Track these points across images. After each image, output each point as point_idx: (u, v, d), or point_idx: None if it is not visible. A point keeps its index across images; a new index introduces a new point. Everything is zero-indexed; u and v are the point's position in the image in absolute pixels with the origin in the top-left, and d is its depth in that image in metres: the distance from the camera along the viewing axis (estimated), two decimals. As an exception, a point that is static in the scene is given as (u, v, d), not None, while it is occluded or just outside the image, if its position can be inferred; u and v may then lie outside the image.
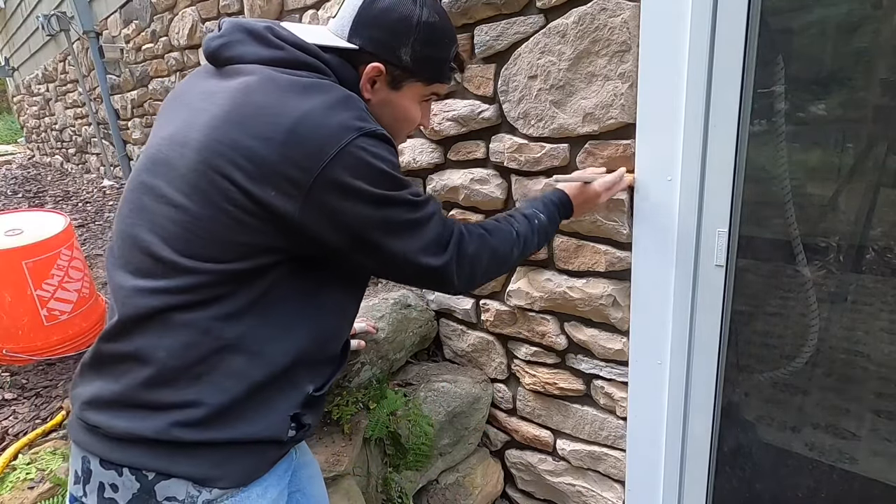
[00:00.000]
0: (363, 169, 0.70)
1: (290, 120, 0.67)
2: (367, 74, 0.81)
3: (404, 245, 0.76)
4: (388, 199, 0.73)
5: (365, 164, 0.70)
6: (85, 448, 0.71)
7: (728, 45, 1.00)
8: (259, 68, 0.74)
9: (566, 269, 1.35)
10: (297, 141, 0.67)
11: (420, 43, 0.81)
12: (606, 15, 1.09)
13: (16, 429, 1.38)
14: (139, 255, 0.71)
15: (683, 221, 1.13)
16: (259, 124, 0.68)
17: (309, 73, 0.75)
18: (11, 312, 1.62)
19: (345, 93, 0.74)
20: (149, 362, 0.69)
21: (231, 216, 0.68)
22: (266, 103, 0.69)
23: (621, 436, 1.40)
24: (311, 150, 0.67)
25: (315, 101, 0.70)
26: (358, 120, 0.71)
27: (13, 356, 1.65)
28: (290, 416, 0.78)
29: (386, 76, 0.82)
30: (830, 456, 1.22)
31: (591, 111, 1.17)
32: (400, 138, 0.93)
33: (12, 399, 1.52)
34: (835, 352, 1.17)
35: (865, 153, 1.05)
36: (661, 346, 1.24)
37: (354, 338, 1.35)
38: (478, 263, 0.86)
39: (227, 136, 0.68)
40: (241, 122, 0.68)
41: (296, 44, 0.76)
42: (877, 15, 0.98)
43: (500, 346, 1.62)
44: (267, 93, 0.70)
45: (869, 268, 1.09)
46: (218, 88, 0.73)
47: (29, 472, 1.17)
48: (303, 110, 0.68)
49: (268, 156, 0.66)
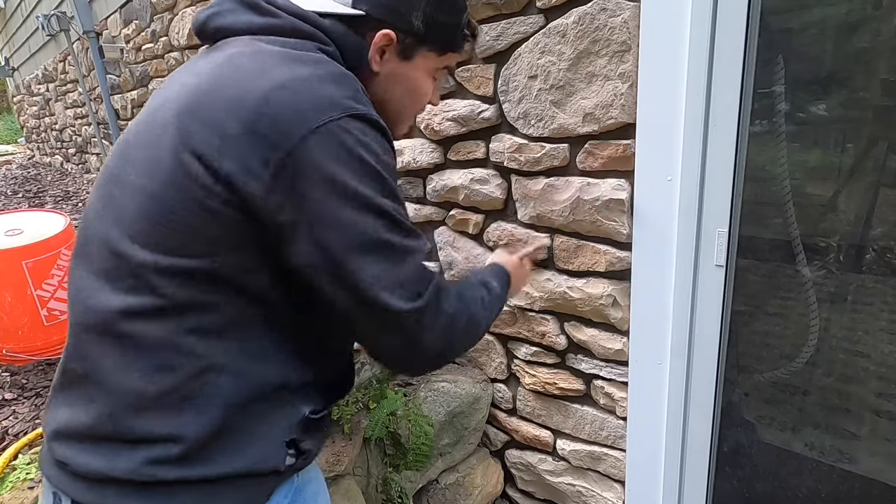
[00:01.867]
0: (345, 156, 0.58)
1: (267, 86, 0.57)
2: (377, 43, 0.72)
3: (371, 270, 0.60)
4: (369, 204, 0.60)
5: (347, 150, 0.58)
6: (55, 484, 0.62)
7: (728, 45, 1.00)
8: (248, 40, 0.65)
9: (566, 269, 1.35)
10: (270, 111, 0.56)
11: (432, 7, 0.73)
12: (606, 15, 1.09)
13: (16, 429, 1.38)
14: (104, 251, 0.61)
15: (683, 221, 1.13)
16: (232, 93, 0.58)
17: (306, 42, 0.67)
18: (11, 312, 1.62)
19: (341, 70, 0.64)
20: (117, 387, 0.59)
21: (198, 201, 0.57)
22: (244, 71, 0.60)
23: (621, 436, 1.40)
24: (285, 122, 0.56)
25: (301, 72, 0.60)
26: (350, 99, 0.60)
27: (13, 356, 1.65)
28: (286, 443, 0.67)
29: (396, 45, 0.74)
30: (830, 456, 1.22)
31: (591, 111, 1.17)
32: (408, 118, 0.85)
33: (12, 399, 1.52)
34: (835, 352, 1.17)
35: (865, 153, 1.05)
36: (661, 346, 1.24)
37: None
38: (456, 327, 0.70)
39: (198, 109, 0.59)
40: (214, 92, 0.59)
41: (292, 11, 0.68)
42: (877, 15, 0.98)
43: (500, 346, 1.62)
44: (250, 61, 0.61)
45: (869, 268, 1.09)
46: (203, 64, 0.65)
47: (29, 472, 1.17)
48: (284, 79, 0.58)
49: (234, 125, 0.56)
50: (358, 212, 0.59)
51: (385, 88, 0.76)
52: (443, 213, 1.60)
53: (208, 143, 0.57)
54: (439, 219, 1.62)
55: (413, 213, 1.66)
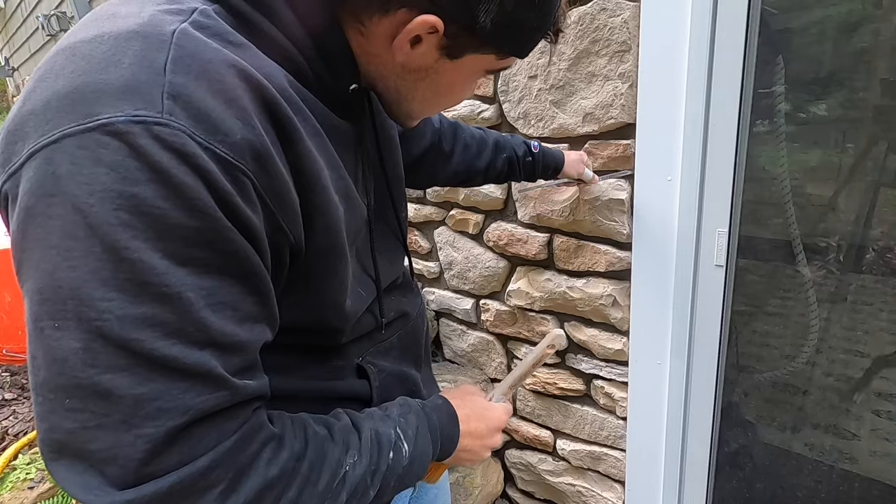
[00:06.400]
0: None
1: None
2: (411, 30, 0.47)
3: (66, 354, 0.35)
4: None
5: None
6: None
7: (728, 45, 1.00)
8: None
9: (566, 269, 1.35)
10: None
11: (515, 1, 0.47)
12: (606, 15, 1.09)
13: (16, 429, 1.38)
14: None
15: (683, 221, 1.13)
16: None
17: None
18: (11, 312, 1.62)
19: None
20: None
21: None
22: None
23: (621, 436, 1.40)
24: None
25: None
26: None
27: (13, 356, 1.65)
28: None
29: (442, 38, 0.49)
30: (830, 456, 1.22)
31: (591, 111, 1.17)
32: (426, 115, 0.64)
33: (12, 399, 1.52)
34: (835, 352, 1.17)
35: (865, 153, 1.05)
36: (661, 346, 1.24)
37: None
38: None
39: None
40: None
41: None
42: (877, 15, 0.98)
43: (500, 346, 1.62)
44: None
45: (869, 268, 1.09)
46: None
47: (29, 472, 1.17)
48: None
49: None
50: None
51: (402, 83, 0.54)
52: (442, 212, 1.60)
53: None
54: (439, 219, 1.62)
55: (413, 212, 1.66)
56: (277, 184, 0.41)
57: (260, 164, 0.40)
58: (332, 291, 0.53)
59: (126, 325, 0.35)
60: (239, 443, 0.40)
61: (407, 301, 0.71)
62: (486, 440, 0.65)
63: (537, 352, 0.73)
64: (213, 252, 0.38)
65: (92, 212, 0.34)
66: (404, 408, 0.58)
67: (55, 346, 0.35)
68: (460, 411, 0.63)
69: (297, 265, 0.47)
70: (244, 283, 0.40)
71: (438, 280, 1.69)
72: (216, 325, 0.38)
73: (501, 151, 1.02)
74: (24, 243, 0.36)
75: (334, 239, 0.50)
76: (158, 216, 0.35)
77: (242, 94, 0.40)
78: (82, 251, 0.34)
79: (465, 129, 0.99)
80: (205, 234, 0.37)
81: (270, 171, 0.41)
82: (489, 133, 1.02)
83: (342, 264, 0.52)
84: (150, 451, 0.36)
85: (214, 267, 0.38)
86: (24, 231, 0.36)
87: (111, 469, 0.35)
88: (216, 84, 0.38)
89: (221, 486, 0.39)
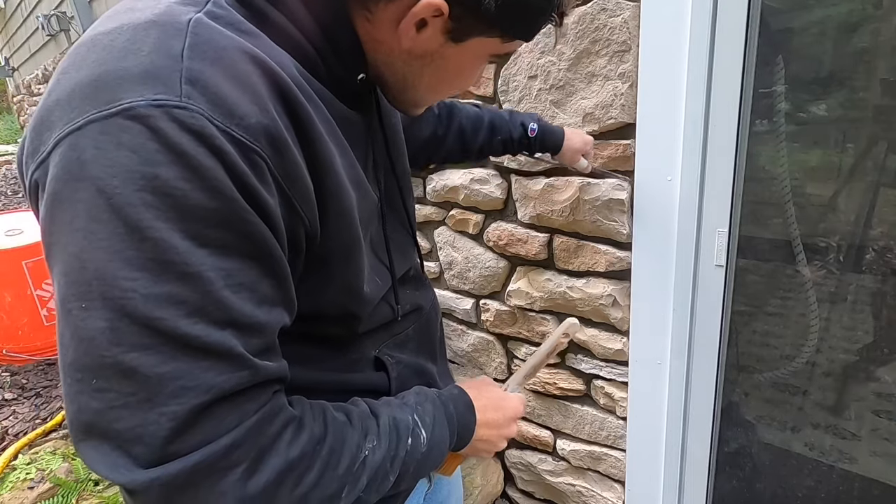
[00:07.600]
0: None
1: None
2: (416, 13, 0.47)
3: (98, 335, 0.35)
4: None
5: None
6: None
7: (728, 45, 1.00)
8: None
9: (566, 269, 1.35)
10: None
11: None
12: (606, 15, 1.09)
13: (16, 429, 1.38)
14: None
15: (683, 221, 1.13)
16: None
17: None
18: (11, 312, 1.62)
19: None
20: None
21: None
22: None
23: (621, 436, 1.40)
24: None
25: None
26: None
27: (13, 356, 1.66)
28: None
29: (448, 21, 0.49)
30: (830, 456, 1.22)
31: (591, 111, 1.17)
32: (432, 101, 0.64)
33: (12, 399, 1.52)
34: (835, 352, 1.17)
35: (865, 153, 1.05)
36: (661, 346, 1.24)
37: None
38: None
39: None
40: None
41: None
42: (877, 15, 0.98)
43: (500, 346, 1.62)
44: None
45: (869, 268, 1.09)
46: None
47: (29, 472, 1.17)
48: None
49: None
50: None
51: (408, 68, 0.54)
52: (442, 212, 1.60)
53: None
54: (439, 219, 1.62)
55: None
56: (292, 167, 0.42)
57: (275, 147, 0.40)
58: (350, 276, 0.53)
59: (150, 304, 0.35)
60: (260, 423, 0.40)
61: (420, 294, 0.71)
62: (503, 430, 0.65)
63: (552, 340, 0.74)
64: (232, 233, 0.38)
65: (115, 193, 0.35)
66: (421, 396, 0.59)
67: (82, 326, 0.35)
68: (477, 401, 0.63)
69: (314, 250, 0.48)
70: (262, 266, 0.41)
71: (438, 280, 1.69)
72: (236, 305, 0.38)
73: (496, 133, 1.00)
74: (52, 227, 0.37)
75: (349, 225, 0.50)
76: (179, 197, 0.36)
77: (257, 80, 0.40)
78: (107, 232, 0.35)
79: (461, 111, 0.98)
80: (223, 214, 0.37)
81: (285, 155, 0.41)
82: (486, 112, 1.00)
83: (357, 250, 0.53)
84: (174, 430, 0.36)
85: (233, 248, 0.38)
86: (52, 216, 0.37)
87: (137, 448, 0.36)
88: (231, 70, 0.39)
89: (244, 466, 0.39)
